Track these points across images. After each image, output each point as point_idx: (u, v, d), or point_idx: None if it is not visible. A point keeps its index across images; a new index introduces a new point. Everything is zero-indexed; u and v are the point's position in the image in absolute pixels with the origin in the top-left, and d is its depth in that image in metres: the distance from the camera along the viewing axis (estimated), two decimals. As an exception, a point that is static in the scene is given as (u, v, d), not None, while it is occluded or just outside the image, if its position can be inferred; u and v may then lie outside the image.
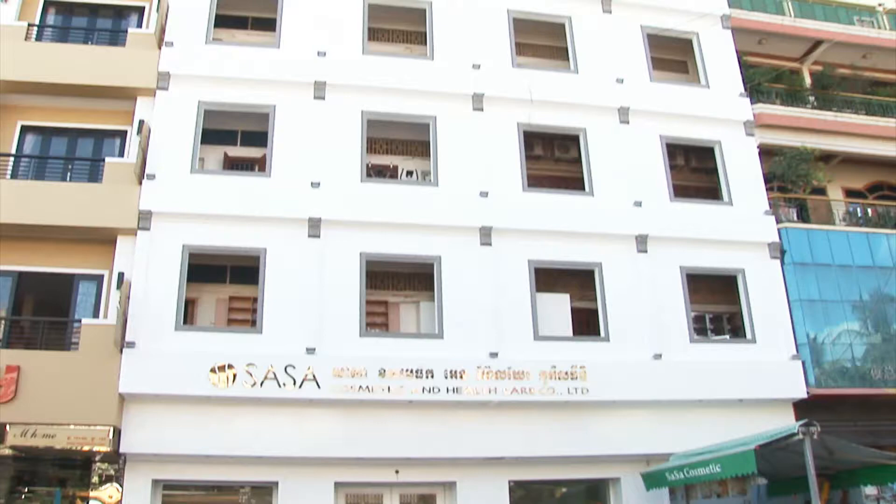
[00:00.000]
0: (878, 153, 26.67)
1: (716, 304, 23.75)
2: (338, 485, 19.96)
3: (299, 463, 19.51)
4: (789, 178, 24.98)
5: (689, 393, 21.03)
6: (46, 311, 20.53)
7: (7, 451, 18.75)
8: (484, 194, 22.05)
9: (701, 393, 21.05)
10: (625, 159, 23.45)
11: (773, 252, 23.25)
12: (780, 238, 23.42)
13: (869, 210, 25.91)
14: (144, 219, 20.25)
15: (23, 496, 19.93)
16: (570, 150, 24.13)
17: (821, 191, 25.99)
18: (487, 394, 20.04)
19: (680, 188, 23.90)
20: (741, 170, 24.25)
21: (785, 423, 19.81)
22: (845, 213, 25.59)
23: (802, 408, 21.59)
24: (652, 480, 20.13)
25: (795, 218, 24.58)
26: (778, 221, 23.72)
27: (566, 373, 20.52)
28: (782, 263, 23.21)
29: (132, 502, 18.81)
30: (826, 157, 26.33)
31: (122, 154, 21.74)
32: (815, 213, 25.13)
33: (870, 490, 20.25)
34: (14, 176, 21.05)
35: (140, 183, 20.54)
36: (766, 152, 25.05)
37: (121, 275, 19.18)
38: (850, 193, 27.12)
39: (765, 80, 26.46)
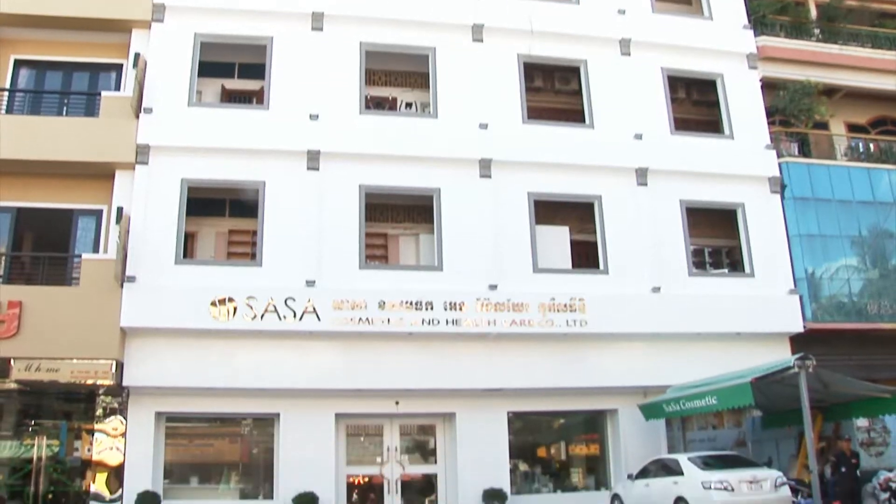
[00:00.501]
0: (882, 87, 26.29)
1: (715, 237, 23.73)
2: (338, 416, 20.22)
3: (300, 395, 19.73)
4: (791, 113, 24.69)
5: (687, 326, 21.12)
6: (46, 247, 20.52)
7: (12, 386, 18.96)
8: (483, 126, 21.84)
9: (699, 326, 21.14)
10: (626, 92, 23.17)
11: (774, 186, 23.08)
12: (780, 172, 23.24)
13: (871, 145, 25.66)
14: (142, 153, 20.12)
15: (29, 429, 20.20)
16: (570, 82, 23.85)
17: (823, 125, 25.69)
18: (486, 326, 20.11)
19: (681, 121, 23.66)
20: (743, 103, 23.97)
21: (781, 356, 19.95)
22: (847, 147, 25.33)
23: (799, 342, 21.68)
24: (649, 412, 20.52)
25: (796, 153, 24.32)
26: (779, 156, 23.51)
27: (565, 305, 20.55)
28: (782, 198, 23.07)
29: (136, 434, 19.11)
30: (829, 92, 25.95)
31: (118, 88, 21.52)
32: (817, 148, 24.89)
33: (861, 422, 20.50)
34: (9, 111, 20.82)
35: (137, 117, 20.37)
36: (768, 86, 24.74)
37: (120, 209, 19.10)
38: (852, 128, 26.81)
39: (769, 11, 25.96)
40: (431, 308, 19.96)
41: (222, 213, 21.89)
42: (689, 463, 17.28)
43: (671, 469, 17.67)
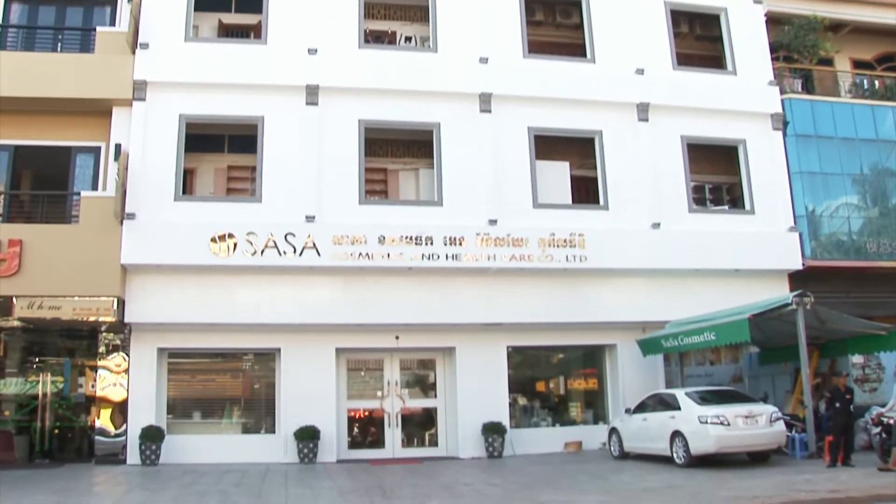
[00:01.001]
0: (889, 22, 25.61)
1: (716, 174, 23.64)
2: (339, 350, 20.39)
3: (301, 330, 19.87)
4: (796, 48, 24.24)
5: (686, 262, 21.14)
6: (44, 185, 20.38)
7: (16, 324, 19.03)
8: (484, 60, 21.54)
9: (698, 262, 21.17)
10: (628, 26, 22.84)
11: (776, 123, 22.85)
12: (783, 109, 22.97)
13: (876, 82, 25.24)
14: (139, 89, 19.91)
15: (34, 366, 20.44)
16: (571, 16, 23.44)
17: (828, 61, 25.22)
18: (486, 261, 20.11)
19: (683, 56, 23.33)
20: (747, 38, 23.62)
21: (779, 293, 20.06)
22: (851, 84, 24.97)
23: (797, 279, 21.76)
24: (648, 347, 20.68)
25: (800, 89, 24.00)
26: (782, 92, 23.23)
27: (565, 240, 20.53)
28: (784, 135, 22.86)
29: (139, 370, 19.33)
30: (835, 27, 25.43)
31: (113, 23, 21.15)
32: (821, 85, 24.53)
33: (857, 359, 20.50)
34: (2, 47, 20.50)
35: (133, 52, 20.11)
36: (773, 21, 24.28)
37: (118, 146, 18.99)
38: (857, 65, 26.28)
39: (774, -58, 25.27)
40: (431, 243, 19.90)
41: (221, 149, 21.68)
42: (687, 398, 17.36)
43: (668, 404, 17.76)
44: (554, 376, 22.89)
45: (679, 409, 17.25)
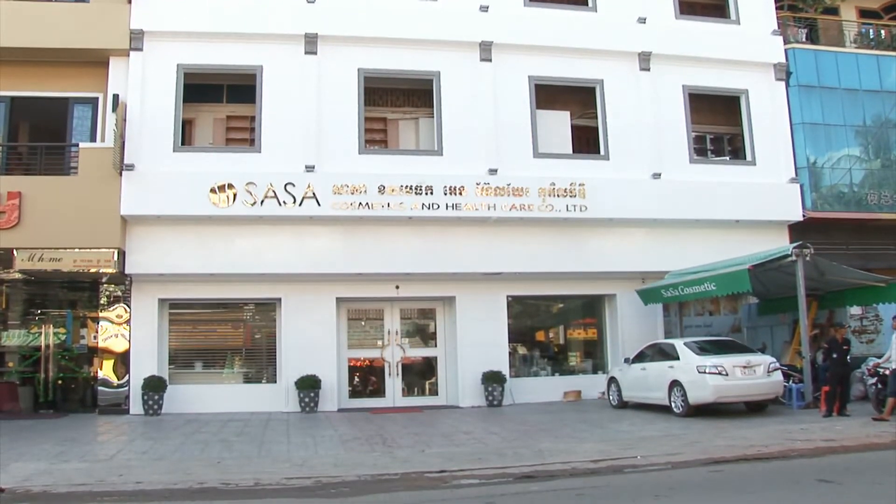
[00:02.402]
0: (899, -30, 25.41)
1: (717, 124, 23.51)
2: (339, 300, 20.52)
3: (301, 279, 19.99)
4: (801, -3, 23.97)
5: (686, 213, 21.15)
6: (42, 137, 20.33)
7: (17, 276, 19.10)
8: (484, 8, 21.39)
9: (698, 213, 21.19)
10: (630, -28, 22.41)
11: (779, 73, 22.69)
12: (786, 59, 22.77)
13: (882, 31, 24.97)
14: (136, 38, 19.77)
15: (36, 318, 20.59)
16: (573, -37, 23.06)
17: (833, 10, 24.97)
18: (486, 210, 20.11)
19: (686, 5, 23.19)
20: (751, -15, 23.25)
21: (779, 244, 20.09)
22: (857, 34, 24.71)
23: (797, 230, 21.81)
24: (647, 297, 20.84)
25: (804, 39, 23.81)
26: (785, 42, 23.04)
27: (565, 190, 20.49)
28: (787, 85, 22.70)
29: (140, 321, 19.52)
30: (842, -26, 25.14)
31: (108, -30, 20.76)
32: (826, 35, 24.31)
33: (854, 310, 20.70)
34: (-3, -3, 20.25)
35: (129, 1, 19.88)
36: (777, -33, 23.91)
37: (116, 97, 18.88)
38: (864, 14, 25.99)
39: None
40: (431, 192, 19.88)
41: (220, 99, 21.57)
42: (685, 348, 17.46)
43: (667, 354, 17.87)
44: (553, 326, 23.12)
45: (678, 358, 17.34)
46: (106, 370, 19.26)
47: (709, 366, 16.50)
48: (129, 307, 19.50)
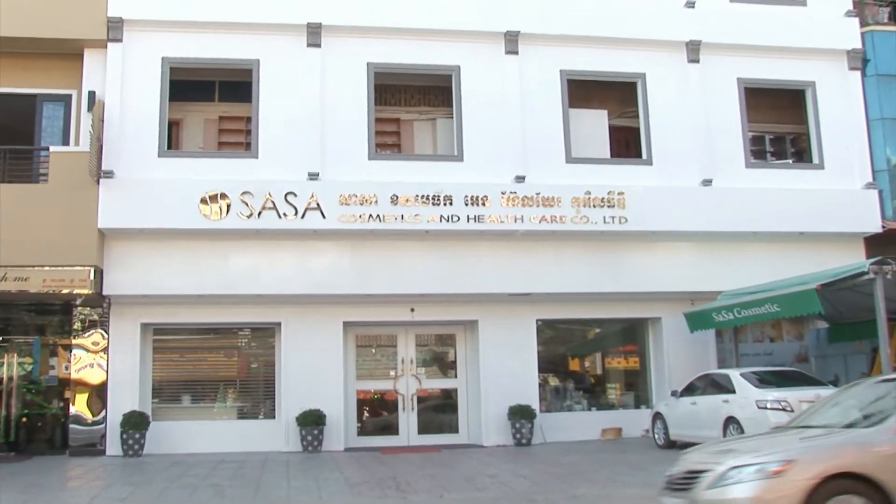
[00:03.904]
0: None
1: (778, 122, 22.99)
2: (347, 325, 20.28)
3: (304, 302, 19.78)
4: (883, -31, 23.51)
5: (742, 224, 20.62)
6: (6, 139, 19.89)
7: (-24, 298, 18.76)
8: (507, -6, 21.07)
9: (756, 224, 20.66)
10: (675, -49, 22.12)
11: (853, 61, 22.16)
12: (862, 44, 22.19)
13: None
14: (115, 27, 19.47)
15: (-2, 346, 20.35)
16: (609, -58, 22.80)
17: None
18: (513, 223, 19.80)
19: (743, -15, 22.68)
20: (821, -40, 22.87)
21: (853, 259, 19.51)
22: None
23: (874, 243, 21.21)
24: (696, 321, 20.23)
25: (886, 20, 23.14)
26: (862, 24, 22.40)
27: (602, 199, 20.10)
28: (863, 75, 22.13)
29: (119, 349, 19.24)
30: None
31: (81, -50, 20.66)
32: (913, 13, 23.68)
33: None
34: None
35: (106, -16, 19.67)
36: (854, -63, 23.36)
37: (91, 94, 18.79)
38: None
39: None
40: (450, 203, 19.54)
41: (211, 98, 21.46)
42: (743, 379, 16.97)
43: (721, 386, 17.43)
44: (589, 354, 22.80)
45: (734, 391, 16.90)
46: (79, 405, 18.95)
47: (770, 400, 15.97)
48: (107, 333, 19.21)
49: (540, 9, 20.97)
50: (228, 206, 18.79)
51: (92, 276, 18.31)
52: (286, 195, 18.97)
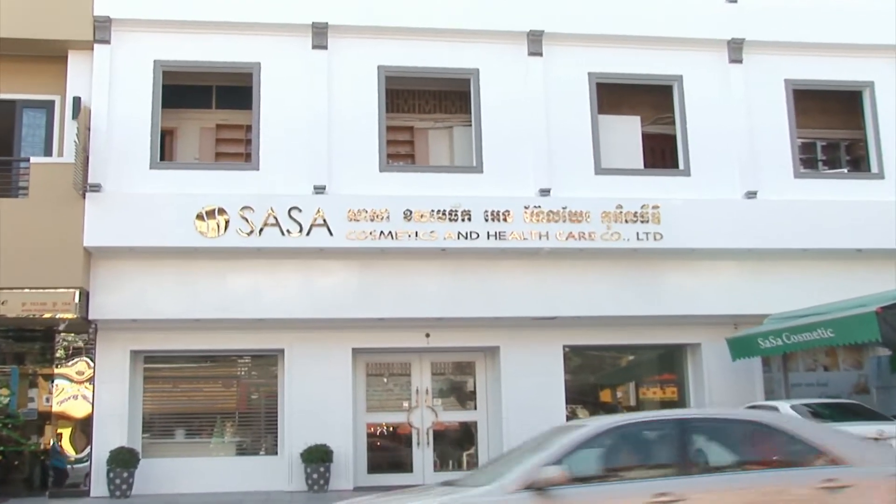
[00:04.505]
0: None
1: (831, 127, 22.31)
2: (356, 352, 19.98)
3: (309, 326, 19.47)
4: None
5: (791, 240, 19.83)
6: (-18, 149, 19.86)
7: (-53, 324, 18.56)
8: (530, -9, 20.80)
9: (807, 240, 19.83)
10: (714, -60, 21.80)
11: (919, 57, 21.81)
12: (929, 38, 21.80)
13: None
14: (102, 27, 19.02)
15: (-30, 376, 20.29)
16: (643, -67, 22.56)
17: None
18: (537, 240, 19.24)
19: (790, -24, 22.32)
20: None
21: (918, 279, 18.86)
22: None
23: (943, 262, 20.48)
24: (740, 347, 19.61)
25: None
26: (927, 17, 21.91)
27: (635, 214, 19.49)
28: (930, 71, 21.68)
29: (107, 379, 18.94)
30: None
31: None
32: None
33: None
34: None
35: (94, -20, 19.50)
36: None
37: (77, 100, 18.35)
38: None
39: None
40: (469, 218, 19.01)
41: (208, 104, 21.10)
42: (794, 413, 15.94)
43: None
44: (622, 383, 22.24)
45: None
46: (61, 441, 18.53)
47: None
48: (93, 361, 18.76)
49: (566, 6, 20.48)
50: (227, 222, 18.36)
51: (77, 299, 17.81)
52: (290, 210, 18.55)
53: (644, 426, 9.69)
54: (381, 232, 18.71)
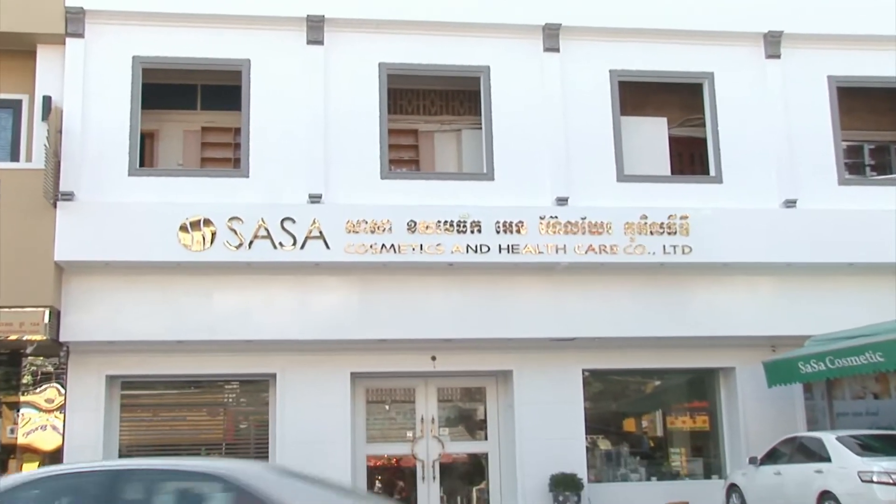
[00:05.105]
0: None
1: (879, 129, 21.98)
2: (355, 376, 19.73)
3: (304, 349, 19.21)
4: None
5: (834, 254, 19.32)
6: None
7: None
8: (550, -19, 20.57)
9: (853, 254, 19.35)
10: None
11: (976, 52, 21.41)
12: None
13: None
14: (74, 19, 18.58)
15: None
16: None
17: None
18: (554, 253, 18.86)
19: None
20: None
21: (980, 297, 18.40)
22: None
23: None
24: (779, 372, 19.25)
25: None
26: None
27: (661, 225, 19.09)
28: None
29: (80, 407, 18.51)
30: None
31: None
32: None
33: None
34: None
35: (64, -32, 19.27)
36: None
37: (47, 100, 18.06)
38: None
39: None
40: (479, 230, 18.66)
41: (193, 105, 20.84)
42: (840, 444, 15.69)
43: (813, 452, 16.25)
44: (648, 411, 21.88)
45: (829, 460, 15.72)
46: None
47: (877, 471, 14.68)
48: (64, 388, 18.27)
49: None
50: (213, 234, 17.98)
51: (46, 319, 17.38)
52: (282, 221, 18.21)
53: (70, 478, 8.98)
54: (383, 245, 18.41)
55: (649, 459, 21.09)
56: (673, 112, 21.17)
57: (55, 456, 17.91)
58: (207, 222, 17.99)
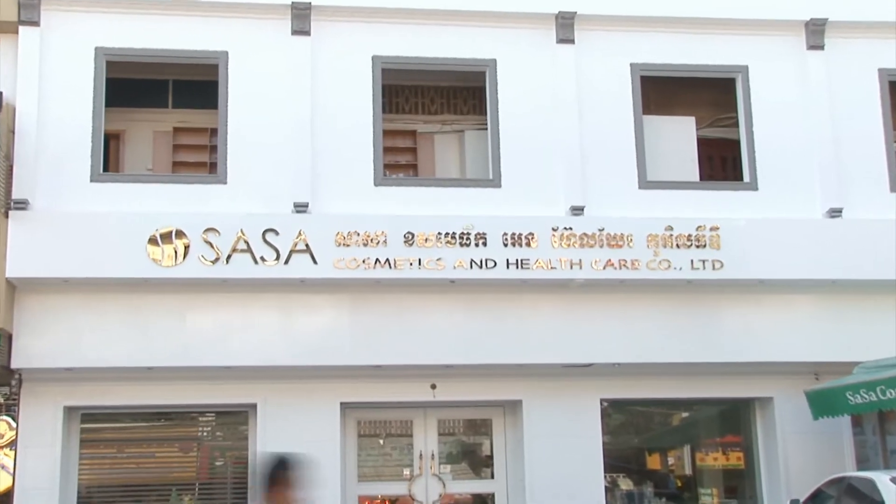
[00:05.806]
0: None
1: None
2: (346, 407, 19.07)
3: (288, 376, 18.50)
4: None
5: (885, 270, 18.48)
6: None
7: None
8: (570, -35, 20.09)
9: None
10: None
11: None
12: None
13: None
14: (29, 6, 17.89)
15: None
16: None
17: None
18: (568, 269, 18.14)
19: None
20: None
21: None
22: None
23: None
24: (823, 403, 18.40)
25: None
26: None
27: (689, 237, 18.38)
28: None
29: (33, 442, 17.75)
30: None
31: None
32: None
33: None
34: None
35: (17, -49, 18.71)
36: None
37: None
38: None
39: None
40: (484, 243, 18.00)
41: (164, 103, 20.39)
42: (894, 487, 14.90)
43: (863, 495, 15.53)
44: (674, 447, 21.30)
45: (882, 502, 14.88)
46: None
47: None
48: (16, 421, 17.75)
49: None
50: (186, 247, 17.32)
51: None
52: (264, 233, 17.52)
53: None
54: (377, 259, 17.76)
55: (676, 501, 20.62)
56: (702, 111, 20.80)
57: (4, 499, 17.68)
58: (180, 234, 17.36)
